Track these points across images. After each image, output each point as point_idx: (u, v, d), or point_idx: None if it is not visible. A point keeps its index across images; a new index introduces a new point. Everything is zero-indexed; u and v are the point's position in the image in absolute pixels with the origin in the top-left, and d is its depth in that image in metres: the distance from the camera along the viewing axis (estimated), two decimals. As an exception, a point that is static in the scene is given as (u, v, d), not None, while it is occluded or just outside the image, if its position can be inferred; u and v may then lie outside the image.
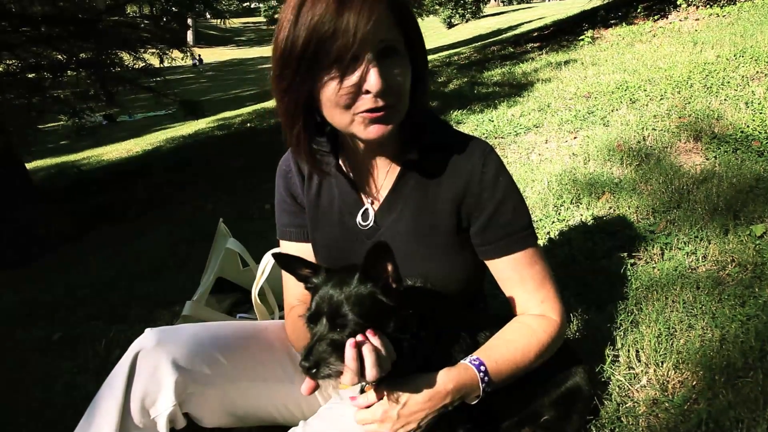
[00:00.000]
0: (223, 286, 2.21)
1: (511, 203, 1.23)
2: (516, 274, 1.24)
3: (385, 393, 1.08)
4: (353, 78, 1.02)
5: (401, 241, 1.23)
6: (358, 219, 1.28)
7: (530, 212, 1.31)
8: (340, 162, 1.29)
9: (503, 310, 1.32)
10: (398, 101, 1.08)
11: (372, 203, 1.28)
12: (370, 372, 0.98)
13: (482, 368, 1.12)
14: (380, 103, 1.04)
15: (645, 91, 4.16)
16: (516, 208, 1.23)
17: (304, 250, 1.37)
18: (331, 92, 1.04)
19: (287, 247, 1.41)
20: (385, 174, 1.27)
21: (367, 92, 1.03)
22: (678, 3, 7.17)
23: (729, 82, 3.80)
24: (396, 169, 1.25)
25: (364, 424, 1.10)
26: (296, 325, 1.32)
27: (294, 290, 1.38)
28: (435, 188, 1.23)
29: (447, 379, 1.09)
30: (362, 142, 1.18)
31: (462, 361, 1.14)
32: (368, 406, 1.10)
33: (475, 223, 1.24)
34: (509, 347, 1.18)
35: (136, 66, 6.48)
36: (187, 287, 2.85)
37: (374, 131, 1.08)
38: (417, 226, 1.24)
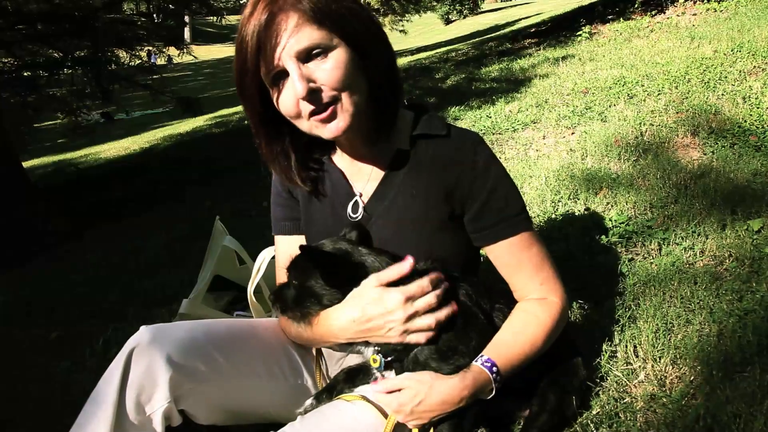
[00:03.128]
0: (220, 283, 2.20)
1: (504, 190, 1.26)
2: (513, 258, 1.27)
3: (402, 388, 1.13)
4: (286, 92, 1.09)
5: (393, 228, 1.26)
6: (349, 211, 1.31)
7: (527, 207, 1.32)
8: (332, 156, 1.33)
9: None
10: (342, 93, 1.09)
11: (361, 195, 1.31)
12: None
13: (494, 369, 1.17)
14: (317, 104, 1.08)
15: (642, 86, 4.15)
16: (508, 194, 1.27)
17: (299, 244, 1.37)
18: (280, 107, 1.13)
19: (283, 242, 1.43)
20: (375, 164, 1.29)
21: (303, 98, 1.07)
22: (675, -2, 7.17)
23: (726, 77, 3.80)
24: (386, 159, 1.28)
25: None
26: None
27: None
28: (426, 177, 1.26)
29: (462, 385, 1.13)
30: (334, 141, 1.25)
31: (475, 364, 1.17)
32: (391, 392, 1.15)
33: (469, 210, 1.27)
34: (518, 341, 1.22)
35: (133, 63, 6.46)
36: (184, 285, 2.85)
37: (331, 130, 1.12)
38: (409, 214, 1.26)
